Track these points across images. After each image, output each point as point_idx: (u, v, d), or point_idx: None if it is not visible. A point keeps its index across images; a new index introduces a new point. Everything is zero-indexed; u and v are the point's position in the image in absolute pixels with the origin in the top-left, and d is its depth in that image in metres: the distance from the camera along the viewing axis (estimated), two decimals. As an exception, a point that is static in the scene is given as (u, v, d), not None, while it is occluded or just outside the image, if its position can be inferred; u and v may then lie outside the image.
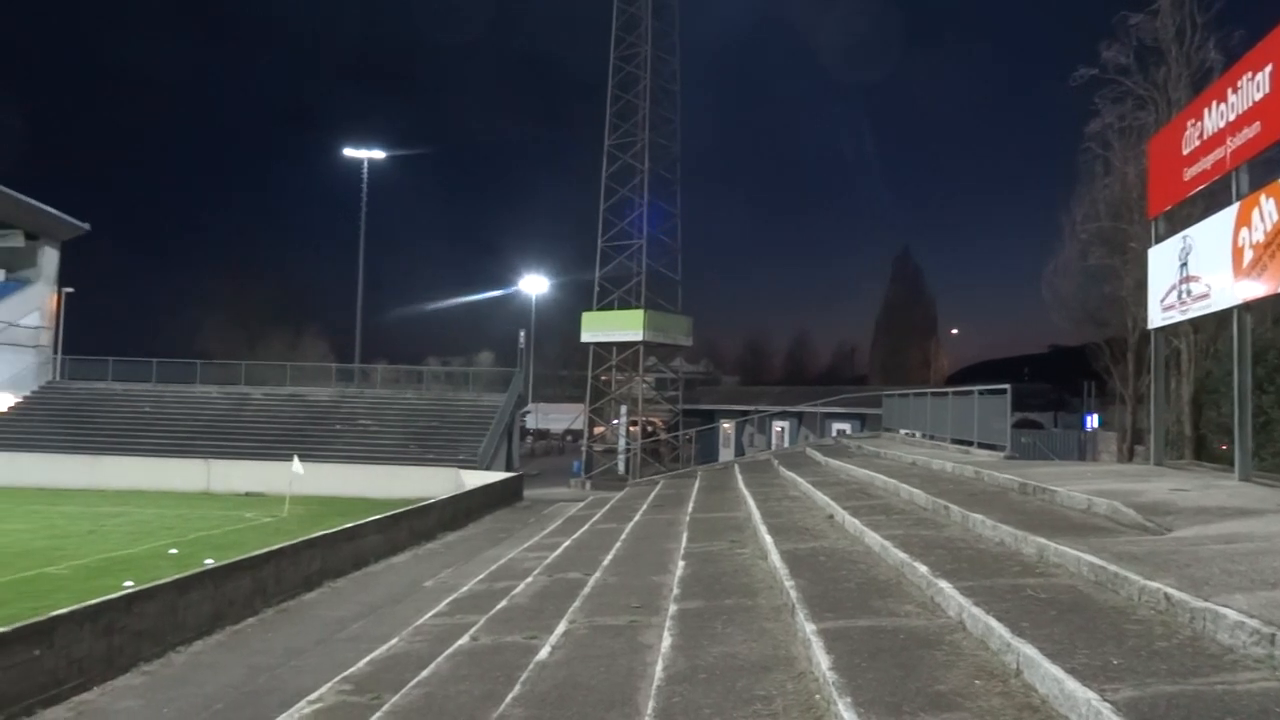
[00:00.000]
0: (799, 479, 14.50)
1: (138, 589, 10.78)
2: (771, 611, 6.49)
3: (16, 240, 46.14)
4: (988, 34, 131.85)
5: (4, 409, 41.87)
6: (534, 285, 56.24)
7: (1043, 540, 6.16)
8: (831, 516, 10.11)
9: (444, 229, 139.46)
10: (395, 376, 46.91)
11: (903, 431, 21.60)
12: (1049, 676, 3.67)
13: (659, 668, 5.36)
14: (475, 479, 31.03)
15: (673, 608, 6.94)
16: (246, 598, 12.88)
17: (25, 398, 42.27)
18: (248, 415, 40.30)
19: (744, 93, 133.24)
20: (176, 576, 11.67)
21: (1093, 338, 20.77)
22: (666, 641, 5.91)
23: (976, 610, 4.74)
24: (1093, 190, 19.24)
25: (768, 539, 8.97)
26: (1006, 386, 13.67)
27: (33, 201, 44.42)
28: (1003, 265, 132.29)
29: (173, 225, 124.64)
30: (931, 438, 18.06)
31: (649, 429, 45.78)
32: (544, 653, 6.70)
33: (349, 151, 50.94)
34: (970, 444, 14.79)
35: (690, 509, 14.53)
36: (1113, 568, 5.06)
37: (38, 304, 46.31)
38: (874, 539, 7.75)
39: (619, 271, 40.25)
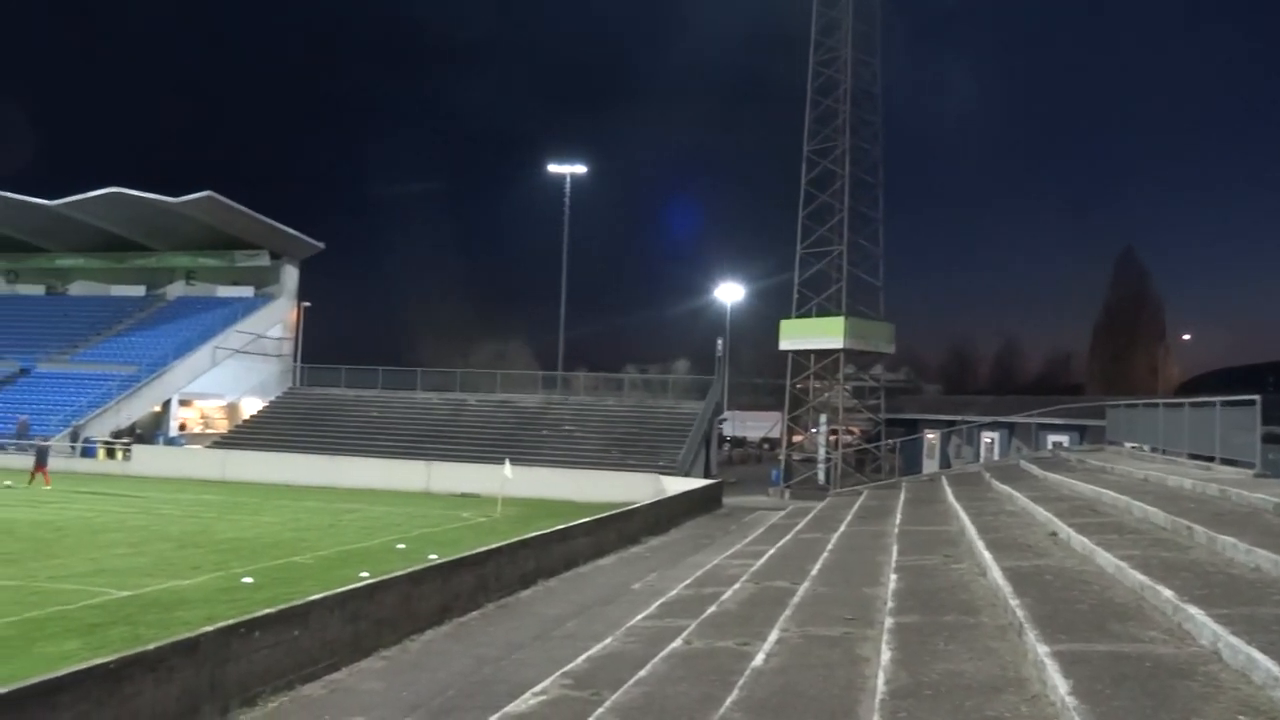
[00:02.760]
0: (1015, 493, 13.87)
1: (377, 580, 11.72)
2: (996, 630, 6.28)
3: (263, 260, 51.26)
4: (1222, 13, 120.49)
5: (254, 413, 46.48)
6: (729, 293, 56.45)
7: (1309, 567, 5.66)
8: (1055, 534, 9.64)
9: (640, 239, 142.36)
10: (596, 384, 48.33)
11: (1128, 445, 20.17)
12: (1328, 716, 3.40)
13: (880, 682, 5.32)
14: (675, 485, 31.50)
15: (889, 621, 6.85)
16: (470, 593, 13.70)
17: (271, 402, 46.68)
18: (463, 420, 42.73)
19: (947, 87, 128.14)
20: (409, 570, 12.58)
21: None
22: (886, 655, 5.84)
23: (1235, 640, 4.43)
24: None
25: (986, 555, 8.67)
26: (1255, 397, 12.50)
27: (277, 224, 49.15)
28: (1243, 264, 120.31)
29: (395, 242, 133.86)
30: (1163, 452, 16.76)
31: (849, 437, 44.88)
32: (759, 659, 6.78)
33: (552, 168, 53.00)
34: (1210, 459, 13.62)
35: (898, 521, 14.20)
36: (1398, 601, 4.59)
37: (280, 317, 51.14)
38: (1106, 559, 7.34)
39: (819, 278, 39.76)
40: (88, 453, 38.77)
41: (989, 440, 39.06)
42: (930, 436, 41.94)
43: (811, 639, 7.31)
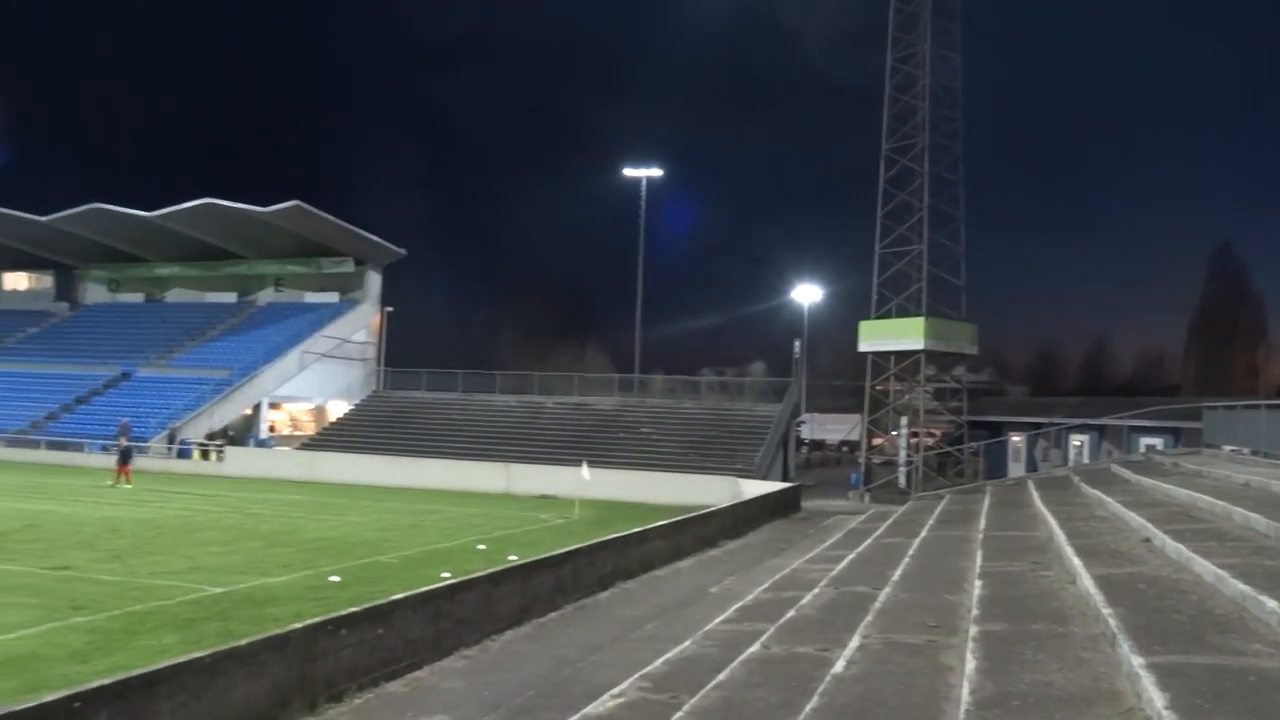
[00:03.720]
0: (1105, 498, 13.44)
1: (458, 580, 11.90)
2: (1087, 640, 6.09)
3: (347, 266, 52.64)
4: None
5: (339, 415, 47.72)
6: (806, 294, 55.87)
7: None
8: (1148, 540, 9.31)
9: (717, 241, 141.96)
10: (672, 386, 48.36)
11: (1227, 448, 19.36)
12: None
13: (965, 691, 5.20)
14: (753, 488, 31.28)
15: (973, 629, 6.69)
16: (549, 594, 13.82)
17: (355, 406, 47.85)
18: (541, 422, 43.17)
19: (1034, 79, 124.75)
20: (489, 570, 12.76)
21: None
22: (970, 664, 5.71)
23: (1347, 655, 4.21)
24: None
25: (1075, 561, 8.42)
26: (1366, 399, 11.85)
27: (361, 231, 50.41)
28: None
29: (474, 248, 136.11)
30: (1265, 455, 16.04)
31: (931, 441, 44.04)
32: (839, 666, 6.68)
33: (628, 171, 53.15)
34: (1318, 464, 12.99)
35: (982, 526, 13.88)
36: None
37: (364, 322, 52.41)
38: (1204, 567, 7.05)
39: (898, 278, 39.09)
40: (183, 454, 40.33)
41: (1077, 443, 37.89)
42: (1015, 439, 40.88)
43: (893, 646, 7.18)
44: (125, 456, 32.08)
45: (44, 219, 51.58)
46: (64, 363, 49.97)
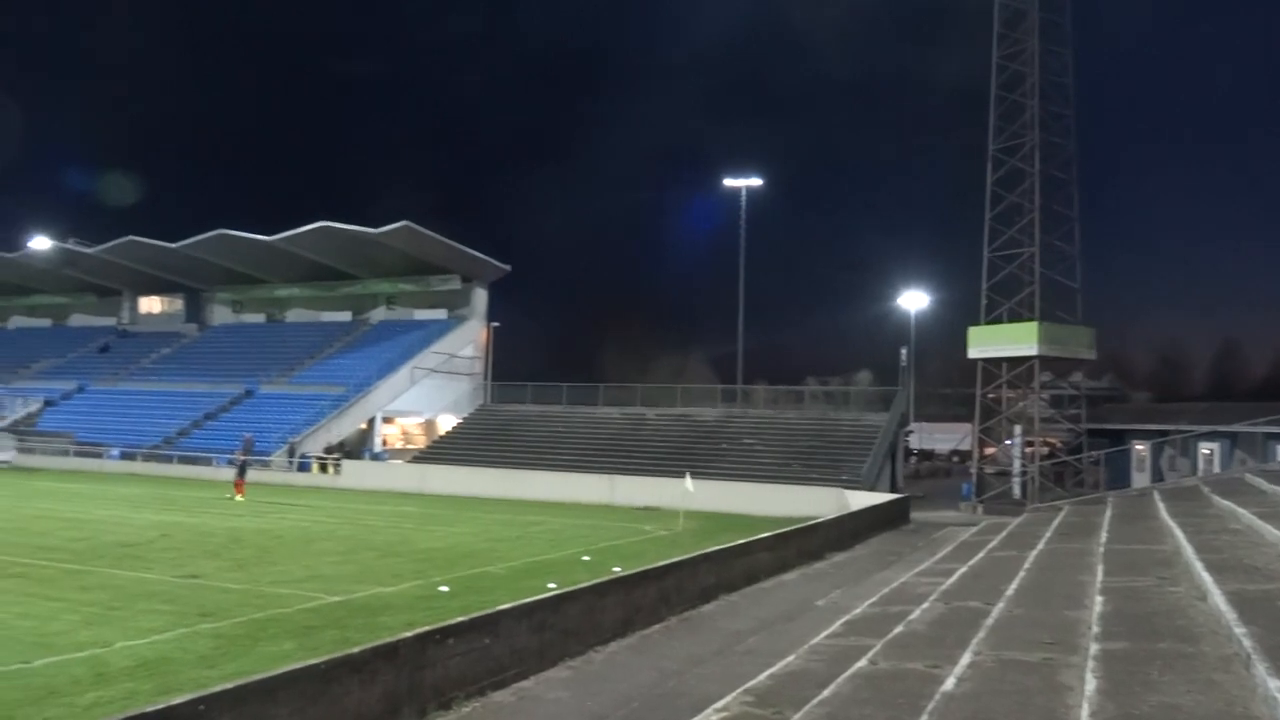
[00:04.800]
0: (1239, 509, 12.68)
1: (563, 591, 12.00)
2: (1219, 661, 5.74)
3: (454, 284, 54.06)
4: None
5: (449, 429, 48.92)
6: (913, 301, 54.58)
7: None
8: (1288, 555, 8.74)
9: (819, 249, 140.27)
10: (775, 397, 47.84)
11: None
12: None
13: (1085, 712, 4.97)
14: (860, 500, 30.69)
15: (1094, 647, 6.39)
16: (652, 605, 13.81)
17: (464, 419, 48.98)
18: (644, 434, 43.32)
19: (1146, 66, 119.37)
20: (593, 582, 12.83)
21: None
22: (1090, 684, 5.46)
23: None
24: None
25: (1205, 577, 7.96)
26: None
27: (466, 249, 51.71)
28: None
29: (577, 261, 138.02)
30: None
31: (1047, 450, 42.39)
32: (949, 684, 6.47)
33: (728, 181, 52.91)
34: None
35: (1103, 539, 13.28)
36: None
37: (471, 338, 53.68)
38: (1351, 584, 6.57)
39: (1008, 282, 37.83)
40: (303, 467, 41.98)
41: (1207, 452, 35.89)
42: (1139, 448, 39.01)
43: (1007, 664, 6.91)
44: (241, 470, 33.42)
45: (174, 245, 54.70)
46: (193, 381, 52.80)
